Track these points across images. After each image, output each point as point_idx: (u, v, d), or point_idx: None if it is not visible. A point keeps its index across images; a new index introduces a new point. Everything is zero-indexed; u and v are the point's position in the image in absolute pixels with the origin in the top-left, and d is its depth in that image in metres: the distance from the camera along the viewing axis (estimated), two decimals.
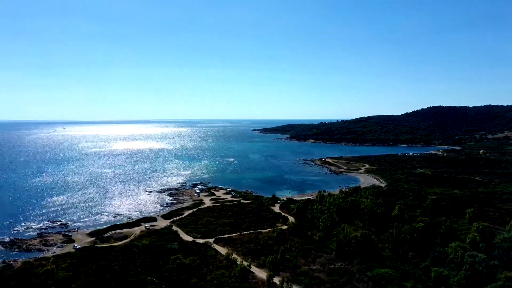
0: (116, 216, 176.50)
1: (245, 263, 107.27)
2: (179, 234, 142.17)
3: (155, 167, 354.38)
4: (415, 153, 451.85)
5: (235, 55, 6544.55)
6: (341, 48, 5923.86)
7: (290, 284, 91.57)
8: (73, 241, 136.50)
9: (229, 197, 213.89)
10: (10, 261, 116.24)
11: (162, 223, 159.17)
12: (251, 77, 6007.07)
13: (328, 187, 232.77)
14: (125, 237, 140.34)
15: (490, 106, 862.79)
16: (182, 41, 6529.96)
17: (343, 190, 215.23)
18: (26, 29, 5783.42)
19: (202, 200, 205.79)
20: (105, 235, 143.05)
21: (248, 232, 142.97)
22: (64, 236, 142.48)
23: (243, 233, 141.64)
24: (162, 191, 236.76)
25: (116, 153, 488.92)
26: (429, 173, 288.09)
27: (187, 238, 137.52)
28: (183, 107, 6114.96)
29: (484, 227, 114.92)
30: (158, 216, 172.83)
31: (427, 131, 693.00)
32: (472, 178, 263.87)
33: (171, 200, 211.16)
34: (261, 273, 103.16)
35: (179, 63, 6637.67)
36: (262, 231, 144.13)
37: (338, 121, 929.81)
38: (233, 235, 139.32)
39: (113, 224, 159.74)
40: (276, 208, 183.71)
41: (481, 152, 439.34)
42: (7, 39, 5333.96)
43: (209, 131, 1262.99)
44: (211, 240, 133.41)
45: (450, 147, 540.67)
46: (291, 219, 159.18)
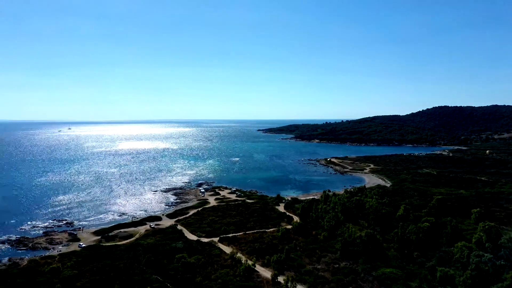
0: (121, 215, 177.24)
1: (250, 262, 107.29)
2: (184, 233, 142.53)
3: (160, 166, 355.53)
4: (421, 153, 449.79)
5: (239, 55, 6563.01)
6: (346, 48, 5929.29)
7: (294, 283, 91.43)
8: (78, 240, 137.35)
9: (233, 196, 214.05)
10: (16, 259, 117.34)
11: (167, 222, 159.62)
12: (255, 77, 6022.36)
13: (333, 187, 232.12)
14: (130, 236, 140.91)
15: (496, 106, 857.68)
16: (186, 41, 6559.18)
17: (348, 190, 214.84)
18: (27, 30, 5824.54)
19: (206, 199, 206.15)
20: (110, 234, 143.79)
21: (252, 231, 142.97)
22: (69, 234, 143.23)
23: (247, 232, 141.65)
24: (167, 190, 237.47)
25: (121, 153, 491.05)
26: (435, 173, 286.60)
27: (192, 237, 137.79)
28: (188, 107, 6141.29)
29: (490, 227, 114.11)
30: (163, 215, 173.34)
31: (432, 131, 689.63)
32: (478, 178, 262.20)
33: (176, 199, 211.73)
34: (265, 272, 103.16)
35: (183, 63, 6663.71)
36: (266, 230, 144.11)
37: (343, 121, 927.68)
38: (238, 234, 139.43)
39: (118, 223, 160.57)
40: (280, 207, 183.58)
41: (487, 152, 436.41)
42: (7, 40, 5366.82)
43: (214, 131, 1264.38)
44: (215, 239, 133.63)
45: (456, 147, 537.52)
46: (296, 219, 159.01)
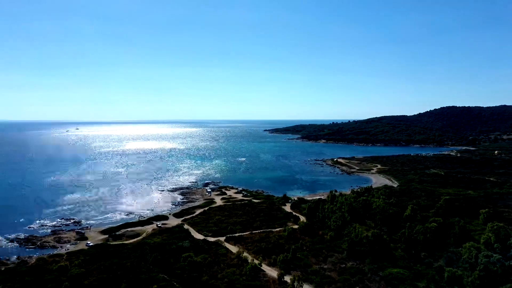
0: (128, 214, 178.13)
1: (256, 262, 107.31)
2: (190, 232, 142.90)
3: (167, 166, 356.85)
4: (428, 154, 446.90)
5: (239, 55, 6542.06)
6: (346, 48, 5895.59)
7: (301, 282, 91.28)
8: (86, 239, 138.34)
9: (240, 196, 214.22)
10: (25, 258, 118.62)
11: (173, 222, 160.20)
12: (255, 77, 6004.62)
13: (339, 187, 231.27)
14: (137, 235, 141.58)
15: (505, 106, 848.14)
16: (186, 41, 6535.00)
17: (354, 190, 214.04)
18: (28, 31, 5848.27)
19: (213, 199, 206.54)
20: (117, 233, 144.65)
21: (259, 231, 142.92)
22: (77, 233, 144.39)
23: (254, 232, 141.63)
24: (173, 190, 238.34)
25: (128, 153, 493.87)
26: (442, 174, 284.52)
27: (199, 236, 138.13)
28: (187, 108, 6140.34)
29: (499, 227, 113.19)
30: (169, 214, 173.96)
31: (440, 132, 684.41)
32: (486, 178, 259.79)
33: (183, 199, 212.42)
34: (272, 272, 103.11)
35: (184, 63, 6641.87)
36: (273, 230, 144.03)
37: (349, 121, 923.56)
38: (244, 234, 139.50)
39: (125, 222, 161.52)
40: (287, 207, 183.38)
41: (496, 152, 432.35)
42: (7, 40, 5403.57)
43: (220, 131, 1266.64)
44: (222, 238, 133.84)
45: (464, 147, 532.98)
46: (302, 219, 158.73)
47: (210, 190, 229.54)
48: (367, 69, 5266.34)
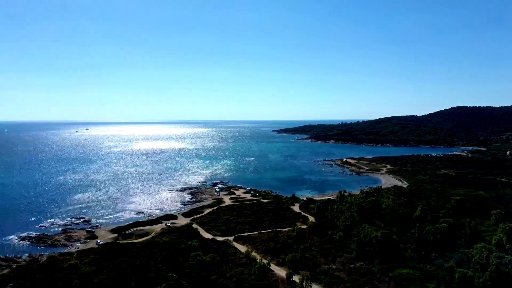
0: (137, 213, 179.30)
1: (265, 261, 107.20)
2: (199, 231, 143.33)
3: (176, 166, 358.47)
4: (438, 154, 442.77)
5: (239, 55, 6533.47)
6: (346, 48, 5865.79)
7: (310, 282, 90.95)
8: (96, 237, 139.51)
9: (248, 196, 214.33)
10: (36, 256, 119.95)
11: (182, 221, 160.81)
12: (262, 78, 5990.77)
13: (348, 188, 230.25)
14: (146, 234, 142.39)
15: None
16: (186, 41, 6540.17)
17: (364, 190, 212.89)
18: (28, 31, 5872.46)
19: (222, 198, 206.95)
20: (127, 231, 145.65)
21: (267, 231, 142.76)
22: (87, 232, 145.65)
23: (262, 231, 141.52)
24: (182, 189, 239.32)
25: (138, 153, 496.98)
26: (453, 174, 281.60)
27: (207, 235, 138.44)
28: (187, 108, 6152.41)
29: (511, 228, 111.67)
30: (178, 214, 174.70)
31: (450, 132, 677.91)
32: (498, 179, 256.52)
33: (192, 198, 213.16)
34: (280, 271, 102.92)
35: (185, 63, 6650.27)
36: (281, 230, 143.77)
37: (359, 121, 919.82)
38: (253, 233, 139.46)
39: (135, 221, 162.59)
40: (295, 207, 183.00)
41: (508, 153, 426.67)
42: (6, 41, 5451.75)
43: (229, 131, 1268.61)
44: (230, 238, 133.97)
45: (475, 148, 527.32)
46: (311, 219, 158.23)
47: (218, 189, 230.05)
48: (367, 69, 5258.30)
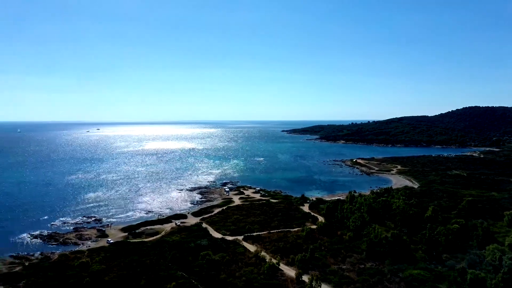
0: (147, 212, 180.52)
1: (274, 261, 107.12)
2: (208, 231, 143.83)
3: (186, 166, 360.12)
4: (450, 155, 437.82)
5: (239, 55, 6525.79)
6: (353, 48, 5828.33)
7: (319, 282, 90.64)
8: (106, 236, 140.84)
9: (258, 196, 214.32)
10: (48, 253, 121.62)
11: (192, 220, 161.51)
12: (255, 77, 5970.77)
13: (358, 188, 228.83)
14: (156, 233, 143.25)
15: None
16: (186, 41, 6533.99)
17: (374, 190, 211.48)
18: (30, 32, 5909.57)
19: (231, 198, 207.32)
20: (137, 230, 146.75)
21: (277, 230, 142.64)
22: (98, 231, 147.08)
23: (272, 231, 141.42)
24: (192, 189, 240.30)
25: (148, 153, 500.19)
26: (465, 175, 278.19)
27: (217, 235, 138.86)
28: (212, 108, 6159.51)
29: None
30: (188, 213, 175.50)
31: (462, 132, 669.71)
32: (511, 180, 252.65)
33: (201, 198, 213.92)
34: (290, 271, 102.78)
35: (189, 63, 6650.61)
36: (291, 230, 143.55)
37: (369, 122, 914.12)
38: (262, 233, 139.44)
39: (145, 220, 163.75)
40: (305, 207, 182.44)
41: None
42: (6, 42, 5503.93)
43: (239, 132, 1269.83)
44: (240, 237, 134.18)
45: (487, 148, 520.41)
46: (321, 219, 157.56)
47: (228, 189, 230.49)
48: (367, 69, 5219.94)
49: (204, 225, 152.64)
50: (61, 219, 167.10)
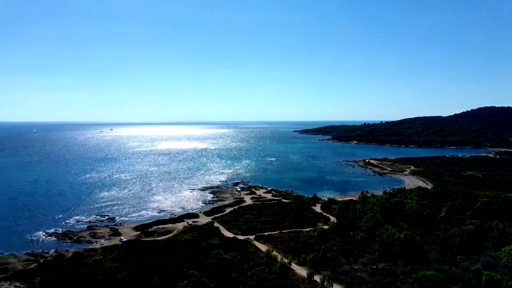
0: (160, 212, 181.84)
1: (286, 260, 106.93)
2: (220, 230, 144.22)
3: (198, 166, 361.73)
4: (465, 155, 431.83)
5: (239, 55, 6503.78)
6: (353, 48, 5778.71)
7: (331, 282, 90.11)
8: (119, 234, 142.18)
9: (269, 196, 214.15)
10: (62, 251, 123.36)
11: (204, 220, 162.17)
12: (255, 77, 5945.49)
13: (371, 188, 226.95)
14: (169, 232, 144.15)
15: None
16: (186, 42, 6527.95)
17: (386, 191, 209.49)
18: (30, 33, 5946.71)
19: (243, 198, 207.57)
20: (149, 229, 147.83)
21: (288, 230, 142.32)
22: (111, 229, 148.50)
23: (283, 231, 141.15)
24: (204, 189, 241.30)
25: (161, 153, 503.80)
26: (480, 176, 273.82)
27: (228, 234, 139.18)
28: (225, 109, 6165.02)
29: None
30: (200, 212, 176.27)
31: (477, 133, 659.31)
32: None
33: (213, 197, 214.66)
34: (301, 271, 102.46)
35: (190, 64, 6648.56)
36: (302, 230, 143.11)
37: (382, 122, 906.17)
38: (274, 233, 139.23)
39: (157, 219, 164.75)
40: (317, 208, 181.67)
41: None
42: (34, 44, 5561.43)
43: (250, 132, 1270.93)
44: (251, 237, 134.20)
45: (503, 149, 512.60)
46: (333, 219, 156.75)
47: (240, 189, 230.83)
48: (367, 69, 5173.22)
49: (215, 224, 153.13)
50: (75, 217, 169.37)
